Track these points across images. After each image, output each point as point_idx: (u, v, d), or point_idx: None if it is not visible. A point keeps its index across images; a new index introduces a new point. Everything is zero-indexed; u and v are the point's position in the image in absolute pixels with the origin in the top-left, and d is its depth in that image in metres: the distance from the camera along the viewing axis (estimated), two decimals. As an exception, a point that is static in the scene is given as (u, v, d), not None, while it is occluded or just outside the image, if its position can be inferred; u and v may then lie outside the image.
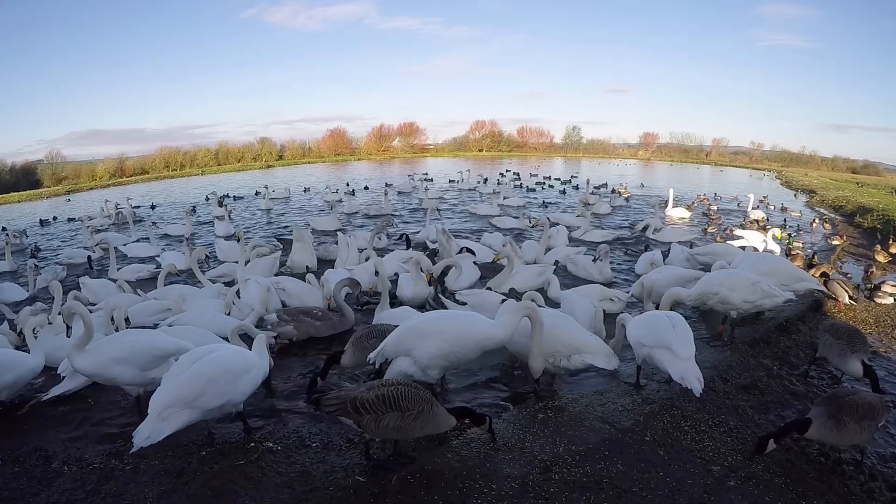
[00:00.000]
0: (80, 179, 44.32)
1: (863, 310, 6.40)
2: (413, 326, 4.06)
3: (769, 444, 3.26)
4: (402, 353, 4.01)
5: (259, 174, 41.07)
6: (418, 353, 3.94)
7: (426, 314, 4.45)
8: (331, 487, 3.11)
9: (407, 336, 4.00)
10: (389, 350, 4.03)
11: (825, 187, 24.30)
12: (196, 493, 3.08)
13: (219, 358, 3.53)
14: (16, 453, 3.69)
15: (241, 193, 23.11)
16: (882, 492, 3.18)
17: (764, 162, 56.45)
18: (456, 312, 4.66)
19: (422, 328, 4.01)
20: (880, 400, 3.38)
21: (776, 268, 5.86)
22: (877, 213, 13.56)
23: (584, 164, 45.09)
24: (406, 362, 3.99)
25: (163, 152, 53.84)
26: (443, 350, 3.91)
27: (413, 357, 3.97)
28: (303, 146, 63.19)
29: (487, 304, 5.63)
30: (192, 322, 5.39)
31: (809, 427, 3.24)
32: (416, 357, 3.96)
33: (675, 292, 5.35)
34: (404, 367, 3.98)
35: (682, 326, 4.04)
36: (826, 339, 4.40)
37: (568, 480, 3.11)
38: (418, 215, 15.33)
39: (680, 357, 3.83)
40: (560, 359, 4.18)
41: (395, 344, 4.02)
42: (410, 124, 68.05)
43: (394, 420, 3.11)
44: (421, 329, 4.00)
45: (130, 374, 3.94)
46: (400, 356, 4.03)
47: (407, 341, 3.99)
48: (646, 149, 65.80)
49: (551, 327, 4.19)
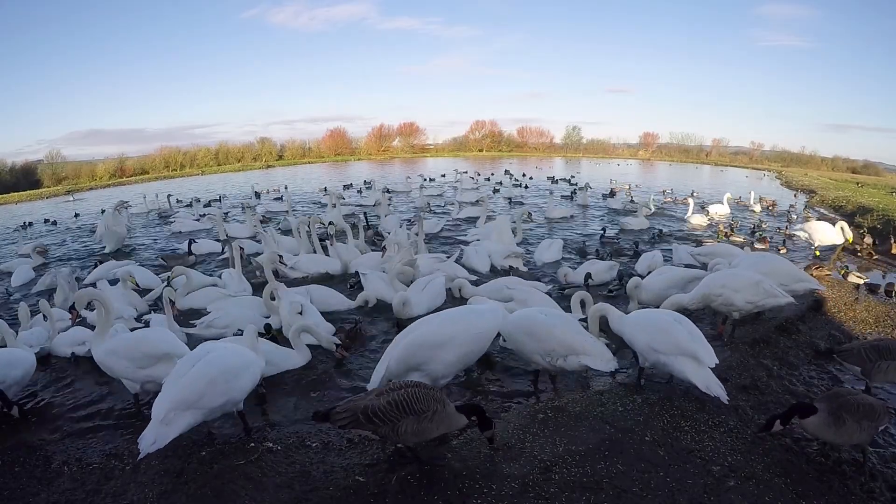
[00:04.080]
0: (80, 179, 44.32)
1: (863, 310, 6.39)
2: (419, 341, 3.87)
3: (775, 424, 3.26)
4: (413, 369, 3.87)
5: (259, 174, 41.07)
6: (432, 365, 3.83)
7: (419, 325, 4.11)
8: (331, 487, 3.11)
9: (415, 351, 3.83)
10: (395, 370, 3.84)
11: (825, 187, 24.29)
12: (196, 493, 3.08)
13: (217, 358, 3.54)
14: (16, 453, 3.69)
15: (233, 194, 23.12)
16: (882, 492, 3.18)
17: (764, 162, 56.40)
18: (452, 314, 4.26)
19: (430, 339, 3.86)
20: (883, 404, 3.36)
21: (776, 268, 5.84)
22: (877, 213, 13.56)
23: (584, 164, 45.06)
24: (416, 377, 3.82)
25: (163, 152, 53.88)
26: (459, 355, 3.86)
27: (425, 371, 3.85)
28: (303, 146, 63.24)
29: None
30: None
31: (812, 414, 3.22)
32: (429, 370, 3.84)
33: (676, 300, 5.29)
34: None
35: (696, 331, 3.99)
36: (882, 365, 3.97)
37: (568, 480, 3.11)
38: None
39: (707, 365, 3.80)
40: (556, 358, 4.14)
41: (404, 362, 3.83)
42: (410, 124, 68.15)
43: (410, 425, 3.00)
44: (429, 340, 3.85)
45: (123, 368, 4.06)
46: (410, 372, 3.87)
47: (417, 357, 3.82)
48: (646, 149, 65.76)
49: (549, 326, 4.16)
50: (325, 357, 5.19)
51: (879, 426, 3.29)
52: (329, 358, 5.18)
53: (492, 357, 5.13)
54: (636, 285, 5.99)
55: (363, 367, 5.09)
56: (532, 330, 4.19)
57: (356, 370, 5.05)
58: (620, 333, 4.29)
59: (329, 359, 5.19)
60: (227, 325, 5.63)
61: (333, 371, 5.03)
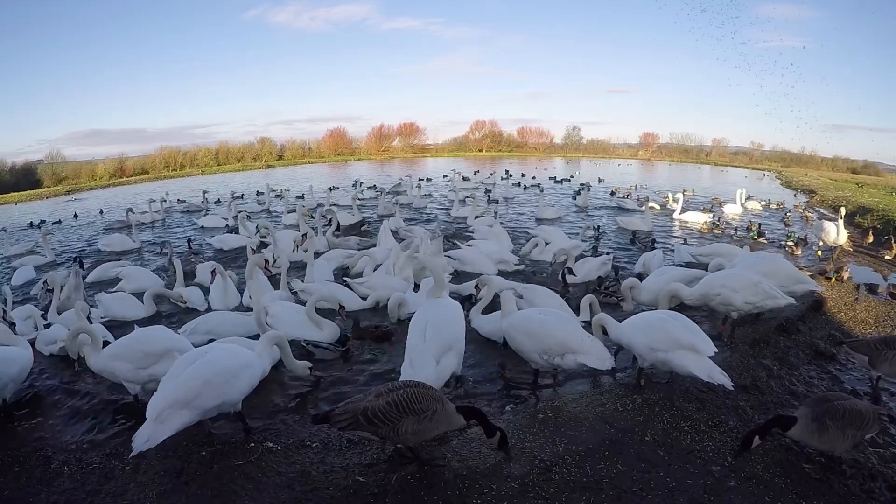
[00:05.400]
0: (80, 179, 44.29)
1: (863, 310, 6.39)
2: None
3: (754, 440, 3.20)
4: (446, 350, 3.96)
5: (259, 174, 41.05)
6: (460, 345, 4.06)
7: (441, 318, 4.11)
8: (330, 487, 3.11)
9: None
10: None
11: (825, 187, 24.28)
12: (196, 494, 3.08)
13: (215, 358, 3.53)
14: (16, 453, 3.69)
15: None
16: (882, 492, 3.17)
17: (764, 162, 56.33)
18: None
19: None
20: (873, 410, 3.24)
21: (776, 268, 5.85)
22: (877, 213, 13.56)
23: (585, 164, 45.05)
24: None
25: (163, 152, 53.78)
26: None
27: (456, 349, 4.03)
28: (303, 146, 63.19)
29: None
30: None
31: (793, 425, 3.17)
32: (459, 348, 4.05)
33: (676, 288, 5.29)
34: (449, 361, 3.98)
35: (691, 324, 4.06)
36: (888, 354, 4.07)
37: (568, 480, 3.11)
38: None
39: (706, 355, 3.86)
40: (554, 356, 4.18)
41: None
42: (410, 124, 67.99)
43: (411, 425, 3.00)
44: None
45: (126, 370, 4.09)
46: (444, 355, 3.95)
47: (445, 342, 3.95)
48: (646, 149, 65.66)
49: (546, 325, 4.20)
50: (325, 357, 5.19)
51: (866, 434, 3.19)
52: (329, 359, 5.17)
53: (492, 358, 5.14)
54: (632, 286, 6.02)
55: (363, 367, 5.09)
56: (530, 330, 4.26)
57: (356, 370, 5.05)
58: (619, 340, 4.35)
59: (329, 359, 5.19)
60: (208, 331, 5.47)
61: (334, 371, 5.02)
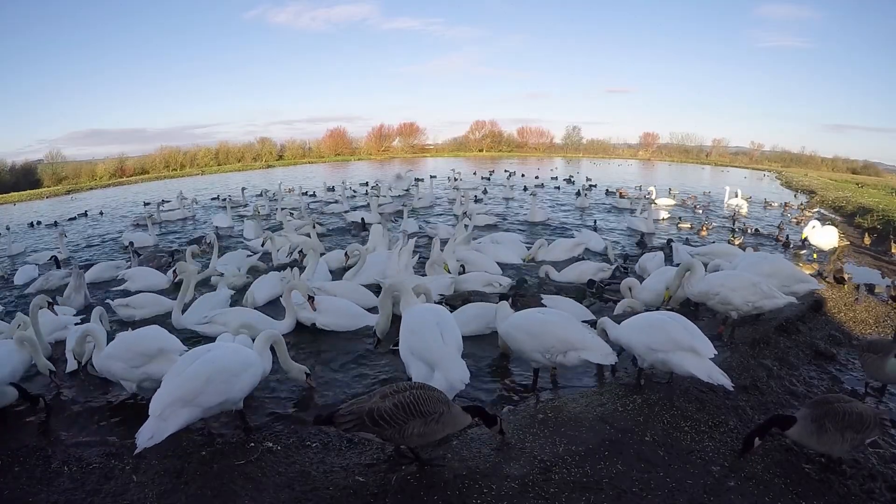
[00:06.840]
0: (80, 179, 44.26)
1: (863, 310, 6.40)
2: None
3: (755, 441, 3.20)
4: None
5: (259, 174, 41.06)
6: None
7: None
8: (330, 487, 3.11)
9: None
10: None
11: (825, 187, 24.30)
12: (196, 493, 3.08)
13: (217, 357, 3.55)
14: (16, 453, 3.69)
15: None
16: (882, 492, 3.17)
17: (764, 162, 56.40)
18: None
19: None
20: (874, 414, 3.21)
21: (776, 268, 5.85)
22: (877, 214, 13.56)
23: (585, 164, 45.05)
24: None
25: (163, 152, 53.79)
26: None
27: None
28: (303, 146, 63.24)
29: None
30: None
31: (793, 425, 3.16)
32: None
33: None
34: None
35: (691, 325, 4.05)
36: (866, 357, 4.22)
37: (568, 480, 3.11)
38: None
39: (705, 356, 3.85)
40: (556, 354, 4.18)
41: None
42: (410, 124, 68.08)
43: (418, 427, 2.98)
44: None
45: (120, 369, 4.15)
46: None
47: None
48: (646, 149, 65.74)
49: (547, 324, 4.22)
50: (325, 358, 5.19)
51: (866, 438, 3.17)
52: (329, 359, 5.17)
53: (491, 358, 5.13)
54: (630, 286, 6.04)
55: (362, 369, 5.09)
56: (531, 329, 4.27)
57: (355, 373, 5.05)
58: (618, 342, 4.36)
59: (329, 360, 5.19)
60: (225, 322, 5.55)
61: (332, 372, 5.02)
